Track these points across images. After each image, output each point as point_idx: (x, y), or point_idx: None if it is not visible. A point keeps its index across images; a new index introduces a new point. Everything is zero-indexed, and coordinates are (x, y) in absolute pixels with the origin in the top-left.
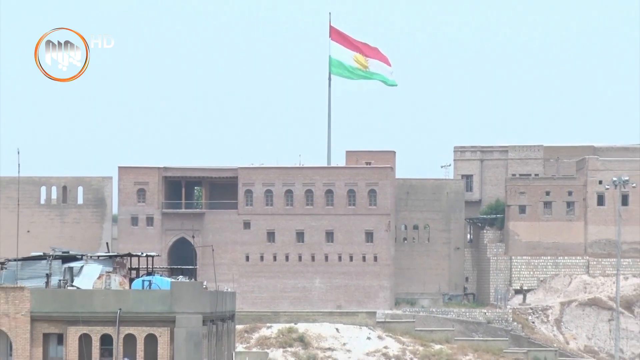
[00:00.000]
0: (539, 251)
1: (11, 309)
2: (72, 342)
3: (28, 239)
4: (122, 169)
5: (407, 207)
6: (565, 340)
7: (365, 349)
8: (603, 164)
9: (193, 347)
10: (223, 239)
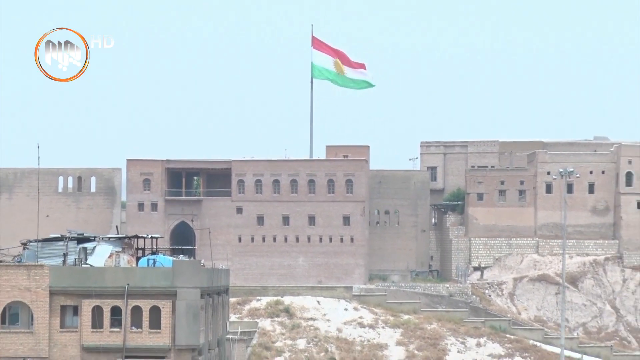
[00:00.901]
0: (495, 233)
1: (32, 284)
2: (86, 313)
3: (47, 222)
4: (130, 161)
5: (380, 195)
6: (518, 311)
7: (342, 318)
8: (551, 157)
9: (192, 318)
10: (218, 223)
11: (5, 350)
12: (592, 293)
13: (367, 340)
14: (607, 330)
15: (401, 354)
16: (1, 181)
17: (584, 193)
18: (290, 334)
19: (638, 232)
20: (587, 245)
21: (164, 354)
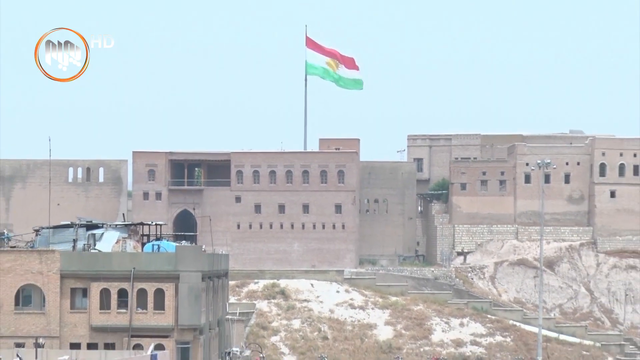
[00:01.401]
0: (477, 220)
1: (44, 268)
2: (95, 295)
3: (58, 211)
4: (136, 153)
5: (369, 185)
6: (498, 293)
7: (334, 300)
8: (529, 150)
9: (194, 299)
10: (218, 211)
11: (19, 330)
12: (568, 276)
13: (357, 320)
14: (582, 311)
15: (389, 333)
16: (15, 172)
17: (560, 183)
18: (285, 315)
19: (611, 219)
20: (563, 231)
21: (167, 333)
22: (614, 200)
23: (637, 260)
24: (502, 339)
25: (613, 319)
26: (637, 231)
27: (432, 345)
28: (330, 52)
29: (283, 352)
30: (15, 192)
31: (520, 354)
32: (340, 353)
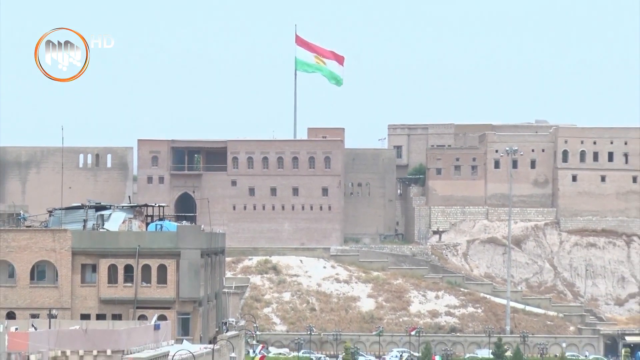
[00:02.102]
0: (451, 202)
1: (57, 246)
2: (103, 270)
3: (69, 193)
4: (140, 141)
5: (353, 170)
6: (470, 268)
7: (321, 275)
8: (499, 138)
9: (193, 274)
10: (216, 194)
11: (34, 302)
12: (534, 253)
13: (342, 293)
14: (546, 284)
15: (371, 305)
16: (30, 158)
17: (526, 168)
18: (277, 288)
19: (572, 201)
20: (529, 212)
21: (169, 305)
22: (575, 184)
23: (596, 238)
24: (474, 310)
25: (575, 292)
26: (597, 212)
27: (410, 316)
28: (317, 49)
29: (275, 322)
30: (30, 177)
31: (490, 323)
32: (327, 323)
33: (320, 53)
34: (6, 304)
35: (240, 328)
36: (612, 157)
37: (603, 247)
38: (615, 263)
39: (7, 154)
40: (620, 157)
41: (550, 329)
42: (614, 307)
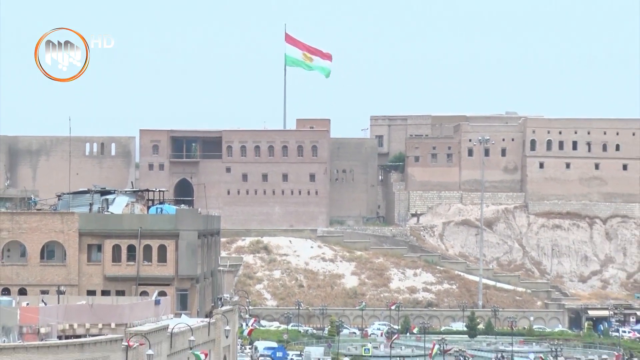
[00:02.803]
0: (428, 187)
1: (65, 227)
2: (108, 250)
3: (77, 179)
4: (142, 131)
5: (338, 158)
6: (446, 248)
7: (309, 254)
8: (472, 128)
9: (191, 254)
10: (211, 179)
11: (44, 279)
12: (504, 234)
13: (328, 271)
14: (515, 263)
15: (355, 282)
16: (40, 146)
17: (497, 156)
18: (268, 266)
19: (540, 186)
20: (500, 196)
21: (169, 282)
22: (542, 171)
23: (561, 220)
24: (449, 286)
25: (541, 269)
26: (562, 196)
27: (391, 292)
28: (304, 45)
29: (266, 297)
30: (40, 164)
31: (464, 299)
32: (314, 298)
33: (308, 50)
34: (18, 281)
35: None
36: (576, 146)
37: (567, 229)
38: (578, 243)
39: (19, 143)
40: (584, 145)
41: (519, 303)
42: (577, 284)
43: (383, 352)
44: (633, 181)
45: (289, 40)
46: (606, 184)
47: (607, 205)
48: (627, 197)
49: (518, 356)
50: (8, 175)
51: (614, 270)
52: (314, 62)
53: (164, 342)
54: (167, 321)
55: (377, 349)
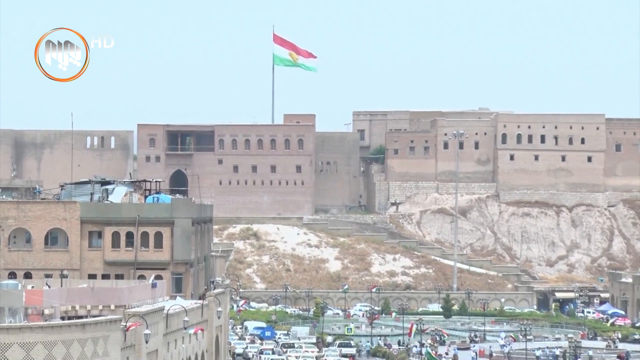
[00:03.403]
0: (407, 178)
1: (68, 215)
2: (107, 236)
3: (78, 170)
4: (140, 125)
5: (323, 150)
6: (423, 235)
7: (295, 240)
8: (448, 123)
9: (185, 240)
10: (205, 171)
11: (48, 264)
12: (477, 221)
13: (313, 256)
14: (487, 248)
15: (338, 266)
16: (44, 140)
17: (471, 149)
18: (257, 252)
19: (510, 177)
20: (473, 186)
21: (164, 266)
22: (512, 162)
23: (530, 209)
24: (426, 270)
25: (512, 254)
26: (531, 186)
27: (372, 276)
28: (291, 45)
29: (255, 281)
30: (44, 156)
31: (440, 282)
32: (300, 282)
33: (294, 50)
34: (24, 266)
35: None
36: (544, 140)
37: (536, 217)
38: (546, 230)
39: (25, 136)
40: (551, 139)
41: (491, 286)
42: (545, 268)
43: (364, 332)
44: (597, 172)
45: (277, 41)
46: (572, 175)
47: (572, 195)
48: (591, 187)
49: (490, 335)
50: (14, 166)
51: (579, 255)
52: (300, 61)
53: (160, 322)
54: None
55: (359, 328)
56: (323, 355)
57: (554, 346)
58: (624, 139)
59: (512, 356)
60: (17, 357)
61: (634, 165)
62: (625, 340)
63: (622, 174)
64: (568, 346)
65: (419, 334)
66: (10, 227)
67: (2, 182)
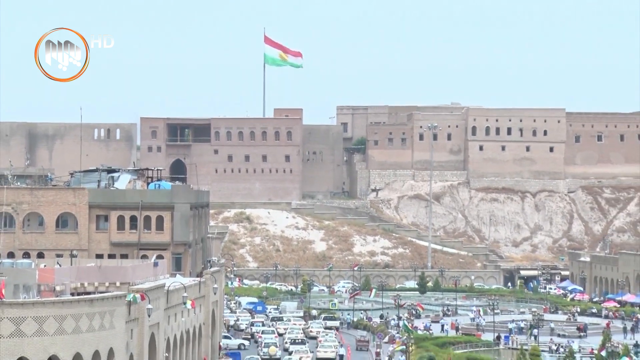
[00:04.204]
0: (386, 166)
1: (77, 201)
2: (113, 220)
3: (87, 160)
4: (143, 119)
5: (309, 141)
6: (400, 218)
7: (285, 223)
8: (423, 116)
9: (184, 223)
10: (202, 160)
11: (59, 245)
12: (450, 206)
13: (301, 238)
14: (459, 230)
15: (323, 246)
16: (56, 132)
17: (444, 140)
18: (250, 234)
19: (479, 166)
20: (446, 174)
21: (165, 247)
22: (481, 152)
23: (498, 194)
24: (403, 250)
25: (481, 236)
26: (498, 174)
27: (354, 255)
28: (280, 46)
29: (248, 260)
30: (56, 146)
31: (415, 261)
32: (289, 261)
33: (283, 50)
34: (37, 246)
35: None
36: (510, 132)
37: (503, 201)
38: (512, 214)
39: (38, 129)
40: (517, 131)
41: (462, 265)
42: (511, 248)
43: (347, 306)
44: (558, 161)
45: (267, 42)
46: (535, 164)
47: (536, 182)
48: (553, 175)
49: (461, 309)
50: (28, 156)
51: (542, 237)
52: (288, 60)
53: (161, 297)
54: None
55: (342, 303)
56: (309, 327)
57: (519, 319)
58: (583, 131)
59: (482, 327)
60: (31, 330)
61: (591, 155)
62: (584, 314)
63: (581, 163)
64: (532, 319)
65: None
66: (25, 211)
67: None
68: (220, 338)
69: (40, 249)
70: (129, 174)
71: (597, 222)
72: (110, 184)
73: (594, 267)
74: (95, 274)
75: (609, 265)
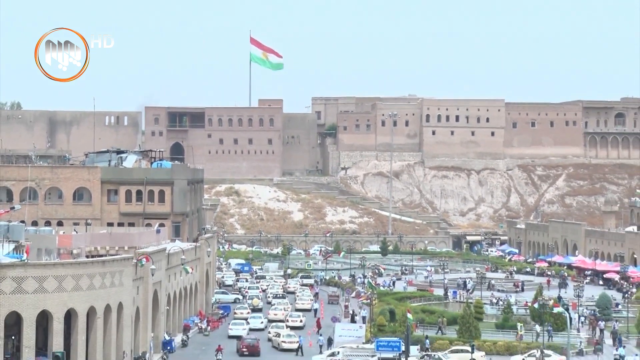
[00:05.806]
0: (354, 148)
1: (91, 177)
2: (122, 193)
3: (99, 143)
4: (147, 108)
5: (289, 127)
6: (366, 192)
7: (268, 197)
8: (385, 106)
9: (182, 196)
10: (197, 143)
11: (76, 215)
12: (407, 182)
13: (281, 209)
14: (415, 202)
15: (300, 216)
16: (73, 118)
17: (402, 126)
18: (238, 206)
19: (432, 148)
20: (404, 155)
21: (166, 216)
22: (434, 137)
23: (447, 172)
24: (368, 219)
25: (433, 207)
26: (448, 155)
27: (326, 224)
28: (264, 47)
29: (237, 228)
30: (73, 131)
31: (378, 228)
32: (271, 228)
33: (266, 50)
34: (56, 216)
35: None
36: (458, 119)
37: (452, 178)
38: (459, 188)
39: (57, 116)
40: (464, 118)
41: (417, 231)
42: (459, 217)
43: (320, 267)
44: (498, 144)
45: (252, 42)
46: (479, 146)
47: (479, 161)
48: (494, 155)
49: (417, 269)
50: (49, 139)
51: (484, 208)
52: (270, 59)
53: (163, 260)
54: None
55: (316, 264)
56: (287, 284)
57: (466, 277)
58: (519, 119)
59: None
60: (52, 287)
61: (526, 138)
62: (520, 272)
63: (518, 145)
64: (476, 276)
65: (362, 268)
66: (46, 186)
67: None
68: (213, 294)
69: (59, 218)
70: (135, 154)
71: (531, 195)
72: (119, 163)
73: (528, 233)
74: (106, 239)
75: (541, 231)
